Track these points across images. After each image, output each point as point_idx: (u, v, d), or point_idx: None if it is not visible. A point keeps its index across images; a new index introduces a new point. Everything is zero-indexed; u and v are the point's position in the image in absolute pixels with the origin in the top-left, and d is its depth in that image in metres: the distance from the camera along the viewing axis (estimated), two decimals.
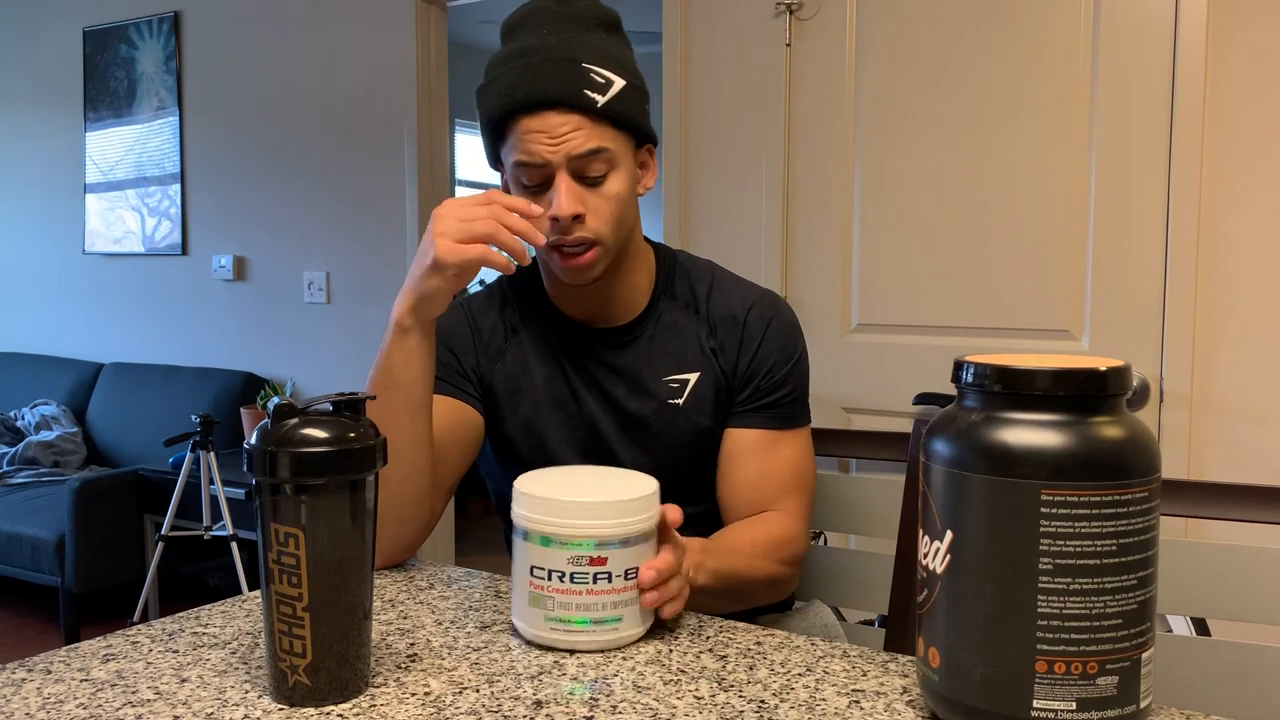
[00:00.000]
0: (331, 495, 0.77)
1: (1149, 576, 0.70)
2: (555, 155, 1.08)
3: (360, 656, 0.79)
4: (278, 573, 0.76)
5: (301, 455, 0.75)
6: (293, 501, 0.76)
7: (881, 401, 2.37)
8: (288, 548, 0.76)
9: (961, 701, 0.71)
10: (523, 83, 1.09)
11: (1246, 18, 1.98)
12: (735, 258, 2.50)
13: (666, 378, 1.21)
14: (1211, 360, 2.04)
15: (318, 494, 0.76)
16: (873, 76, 2.36)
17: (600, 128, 1.10)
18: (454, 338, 1.23)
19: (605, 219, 1.12)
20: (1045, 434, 0.68)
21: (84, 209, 4.26)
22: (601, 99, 1.10)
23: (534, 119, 1.09)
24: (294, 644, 0.77)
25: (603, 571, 0.88)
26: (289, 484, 0.76)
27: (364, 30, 3.47)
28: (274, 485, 0.76)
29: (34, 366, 4.33)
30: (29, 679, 0.82)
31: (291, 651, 0.77)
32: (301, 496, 0.76)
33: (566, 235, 1.10)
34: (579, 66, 1.10)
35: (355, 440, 0.77)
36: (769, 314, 1.23)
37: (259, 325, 3.81)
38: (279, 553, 0.76)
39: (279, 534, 0.76)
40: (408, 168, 3.40)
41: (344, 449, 0.76)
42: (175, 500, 2.96)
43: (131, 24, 4.04)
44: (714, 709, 0.77)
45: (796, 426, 1.23)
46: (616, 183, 1.13)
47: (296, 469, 0.75)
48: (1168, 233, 2.06)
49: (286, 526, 0.76)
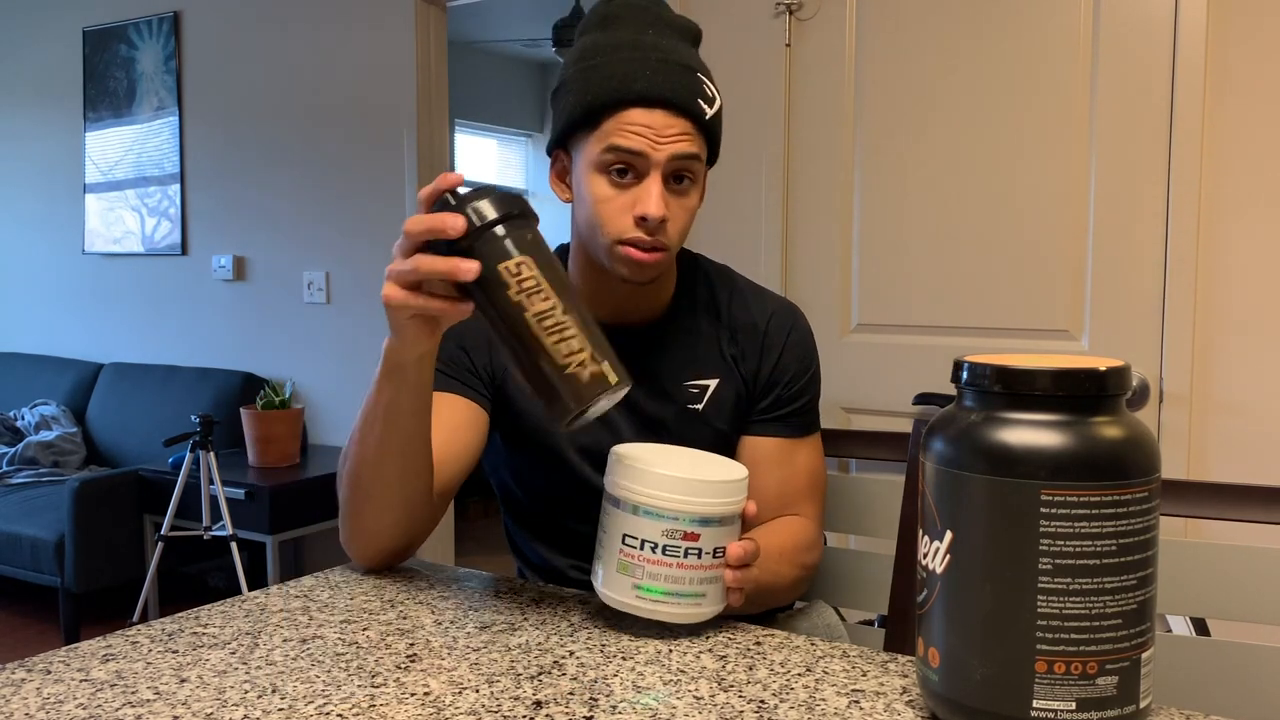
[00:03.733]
0: (528, 222, 0.87)
1: (1149, 576, 0.70)
2: (658, 152, 1.08)
3: (604, 340, 0.88)
4: (527, 296, 0.84)
5: (499, 196, 0.86)
6: (508, 238, 0.85)
7: (881, 401, 2.37)
8: (521, 275, 0.85)
9: (961, 702, 0.71)
10: (640, 76, 1.08)
11: (1246, 18, 1.98)
12: (735, 258, 2.50)
13: (686, 382, 1.21)
14: (1211, 360, 2.04)
15: (516, 225, 0.86)
16: (873, 76, 2.36)
17: (699, 138, 1.11)
18: (468, 334, 1.21)
19: (679, 228, 1.13)
20: (1045, 434, 0.68)
21: (84, 209, 4.26)
22: (710, 111, 1.11)
23: (644, 113, 1.08)
24: (570, 344, 0.85)
25: (694, 547, 0.91)
26: (501, 224, 0.85)
27: (364, 30, 3.47)
28: (482, 229, 0.84)
29: (34, 367, 4.33)
30: (28, 679, 0.82)
31: (574, 351, 0.85)
32: (519, 229, 0.86)
33: (651, 235, 1.10)
34: (695, 75, 1.11)
35: (507, 192, 0.88)
36: (789, 323, 1.24)
37: (259, 325, 3.81)
38: (520, 283, 0.84)
39: (510, 269, 0.85)
40: (407, 168, 3.40)
41: (508, 194, 0.87)
42: (175, 500, 2.96)
43: (131, 24, 4.04)
44: (714, 709, 0.77)
45: (812, 434, 1.25)
46: (695, 195, 1.15)
47: (500, 209, 0.85)
48: (1168, 233, 2.06)
49: (514, 259, 0.85)
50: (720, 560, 0.93)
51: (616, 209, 1.10)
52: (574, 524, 1.23)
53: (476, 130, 6.30)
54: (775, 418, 1.22)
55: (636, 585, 0.91)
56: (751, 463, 1.21)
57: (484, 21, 5.57)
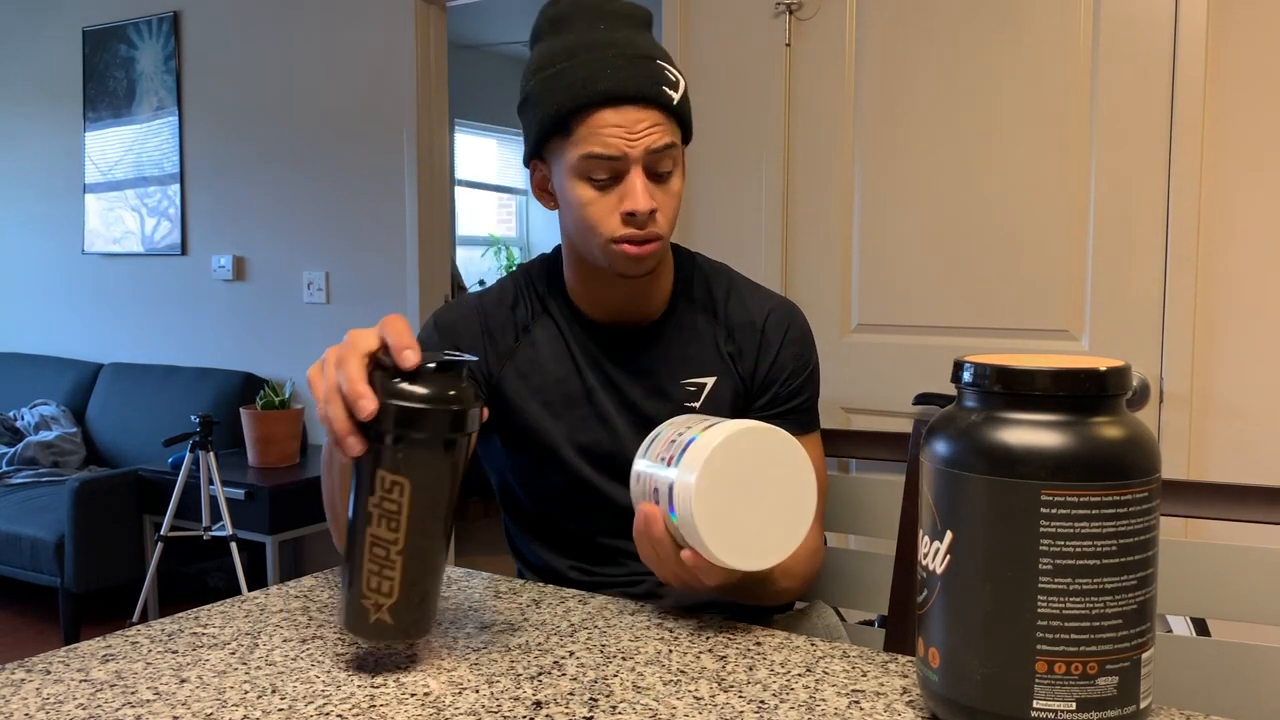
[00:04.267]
0: (433, 450, 0.81)
1: (1149, 577, 0.69)
2: (634, 150, 1.08)
3: (436, 601, 0.84)
4: (377, 516, 0.81)
5: (437, 413, 0.80)
6: (405, 452, 0.80)
7: (881, 401, 2.37)
8: (391, 494, 0.80)
9: (961, 702, 0.71)
10: (603, 76, 1.08)
11: (1247, 18, 1.98)
12: (735, 258, 2.49)
13: (684, 381, 1.21)
14: (1211, 360, 2.04)
15: (422, 447, 0.80)
16: (873, 76, 2.36)
17: (671, 125, 1.12)
18: (463, 335, 1.22)
19: (669, 215, 1.14)
20: (1045, 434, 0.68)
21: (83, 209, 4.26)
22: (676, 96, 1.11)
23: (613, 113, 1.08)
24: (383, 584, 0.81)
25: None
26: (400, 440, 0.79)
27: (364, 30, 3.47)
28: (380, 433, 0.80)
29: (33, 366, 4.33)
30: (28, 679, 0.82)
31: (379, 591, 0.81)
32: (416, 449, 0.80)
33: (641, 229, 1.10)
34: (655, 64, 1.11)
35: (458, 400, 0.81)
36: (786, 321, 1.24)
37: (258, 325, 3.81)
38: (382, 498, 0.80)
39: (384, 480, 0.80)
40: (407, 168, 3.40)
41: (444, 408, 0.80)
42: (175, 500, 2.96)
43: (131, 24, 4.04)
44: (714, 709, 0.77)
45: (810, 433, 1.24)
46: (678, 180, 1.15)
47: (400, 421, 0.79)
48: (1168, 233, 2.06)
49: (393, 475, 0.80)
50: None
51: (603, 210, 1.10)
52: (573, 525, 1.23)
53: (476, 130, 6.30)
54: (773, 416, 1.21)
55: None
56: None
57: (484, 22, 5.57)
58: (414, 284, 3.41)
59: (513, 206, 6.72)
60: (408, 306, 3.41)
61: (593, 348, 1.21)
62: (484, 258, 6.43)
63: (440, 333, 1.23)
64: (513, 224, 6.73)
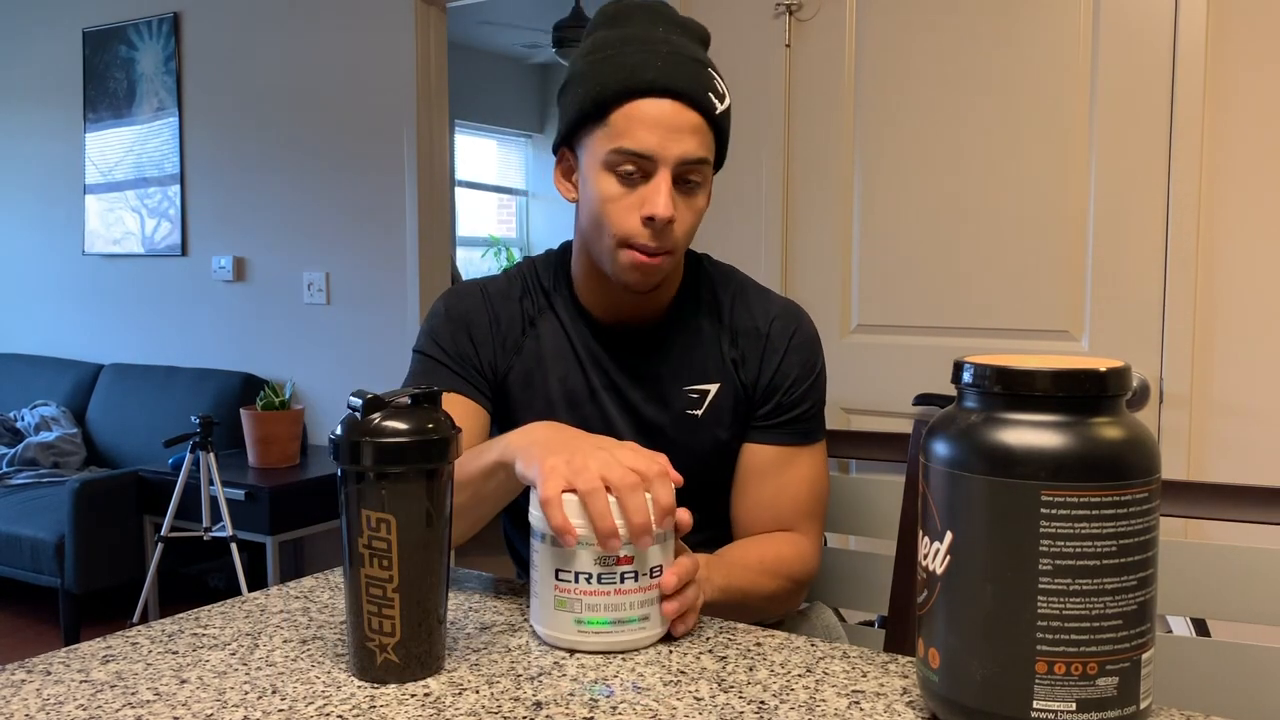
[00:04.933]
0: (415, 481, 0.80)
1: (1149, 577, 0.70)
2: (667, 153, 1.07)
3: (442, 632, 0.83)
4: (368, 556, 0.80)
5: (384, 445, 0.79)
6: (387, 488, 0.79)
7: (881, 402, 2.37)
8: (379, 532, 0.79)
9: (961, 702, 0.71)
10: (651, 66, 1.06)
11: (1246, 19, 1.98)
12: (735, 257, 2.49)
13: (686, 387, 1.19)
14: (1211, 361, 2.04)
15: (402, 481, 0.79)
16: (873, 77, 2.36)
17: (708, 137, 1.10)
18: (475, 326, 1.20)
19: (685, 230, 1.11)
20: (1045, 435, 0.68)
21: (84, 210, 4.26)
22: (720, 107, 1.10)
23: (654, 104, 1.06)
24: (384, 624, 0.80)
25: (629, 570, 0.88)
26: (375, 472, 0.79)
27: (364, 31, 3.47)
28: (359, 474, 0.79)
29: (33, 367, 4.33)
30: (28, 680, 0.82)
31: (381, 631, 0.80)
32: (397, 484, 0.79)
33: (657, 238, 1.08)
34: (706, 70, 1.10)
35: (434, 431, 0.81)
36: (792, 326, 1.22)
37: (258, 326, 3.81)
38: (370, 537, 0.80)
39: (370, 519, 0.79)
40: (407, 168, 3.40)
41: (422, 439, 0.80)
42: (175, 501, 2.96)
43: (131, 25, 4.04)
44: (714, 710, 0.77)
45: (814, 442, 1.22)
46: (703, 198, 1.12)
47: (379, 458, 0.79)
48: (1168, 233, 2.06)
49: (378, 513, 0.79)
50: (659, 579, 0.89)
51: (624, 208, 1.08)
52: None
53: (476, 130, 6.30)
54: (775, 424, 1.20)
55: (577, 620, 0.87)
56: (748, 470, 1.20)
57: (483, 22, 5.57)
58: (414, 285, 3.41)
59: (513, 207, 6.72)
60: (408, 307, 3.42)
61: (596, 347, 1.20)
62: (484, 258, 6.43)
63: (453, 324, 1.21)
64: (513, 225, 6.73)
